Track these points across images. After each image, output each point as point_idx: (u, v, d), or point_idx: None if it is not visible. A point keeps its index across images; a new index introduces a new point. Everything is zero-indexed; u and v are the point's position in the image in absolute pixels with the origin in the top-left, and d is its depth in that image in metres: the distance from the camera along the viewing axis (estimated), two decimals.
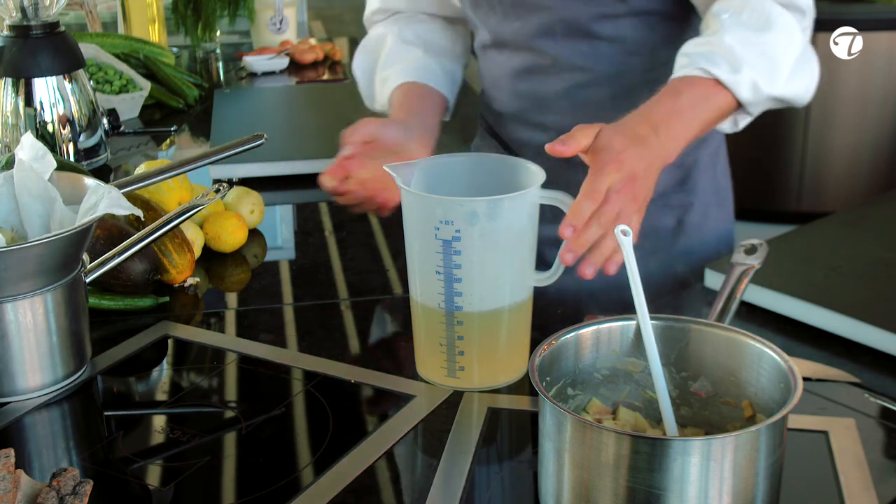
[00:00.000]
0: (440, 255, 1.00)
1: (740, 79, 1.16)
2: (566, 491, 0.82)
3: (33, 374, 1.06)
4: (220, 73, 2.71)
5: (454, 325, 1.02)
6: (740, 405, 0.90)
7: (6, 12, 1.67)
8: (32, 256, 1.01)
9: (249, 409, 1.06)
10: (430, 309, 1.03)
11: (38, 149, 1.12)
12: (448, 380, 1.06)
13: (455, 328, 1.03)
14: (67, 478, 0.81)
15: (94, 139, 1.77)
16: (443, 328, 1.03)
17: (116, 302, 1.25)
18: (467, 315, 1.02)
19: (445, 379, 1.06)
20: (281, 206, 1.69)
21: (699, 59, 1.16)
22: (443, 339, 1.04)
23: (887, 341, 1.11)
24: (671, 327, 0.92)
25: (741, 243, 1.12)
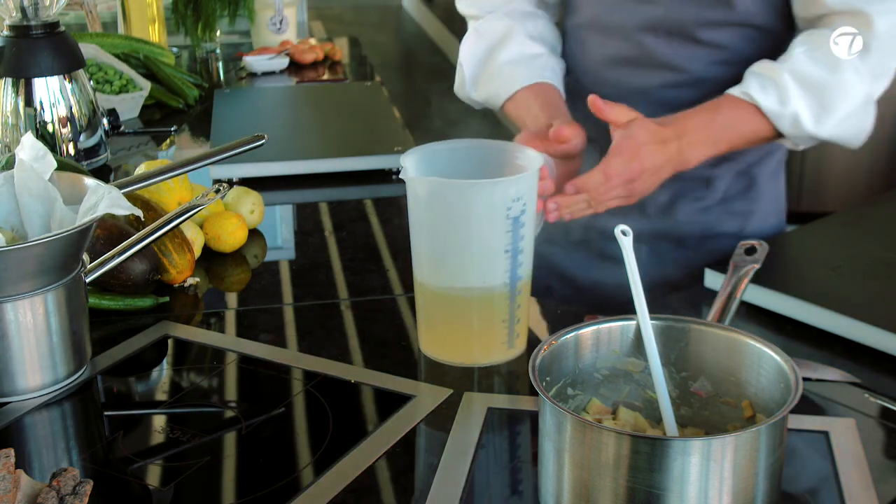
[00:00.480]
0: (510, 233, 1.04)
1: (783, 112, 1.23)
2: (566, 491, 0.82)
3: (33, 374, 1.06)
4: (220, 73, 2.71)
5: (515, 298, 1.08)
6: (740, 405, 0.90)
7: (6, 12, 1.67)
8: (32, 256, 1.01)
9: (249, 409, 1.06)
10: (491, 290, 1.06)
11: (39, 149, 1.12)
12: (508, 352, 1.11)
13: (516, 300, 1.08)
14: (67, 478, 0.81)
15: (94, 139, 1.77)
16: (506, 304, 1.07)
17: (116, 302, 1.25)
18: (524, 284, 1.09)
19: (506, 353, 1.11)
20: (281, 206, 1.70)
21: (752, 85, 1.24)
22: (505, 314, 1.08)
23: (887, 341, 1.11)
24: (671, 327, 0.92)
25: (741, 243, 1.12)
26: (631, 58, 1.38)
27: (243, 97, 2.35)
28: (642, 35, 1.35)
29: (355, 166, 1.79)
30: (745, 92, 1.24)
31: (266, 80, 2.57)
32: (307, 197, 1.72)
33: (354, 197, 1.72)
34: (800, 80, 1.23)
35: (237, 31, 3.11)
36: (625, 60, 1.39)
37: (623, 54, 1.39)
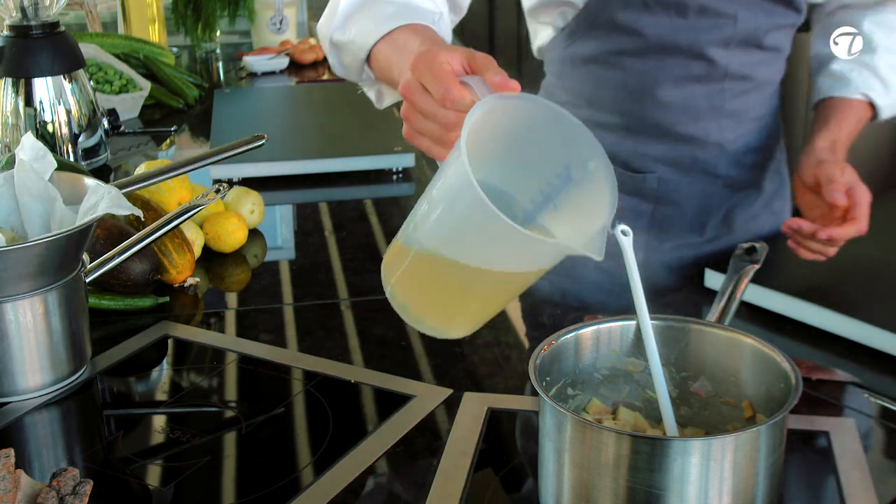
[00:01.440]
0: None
1: (890, 103, 1.33)
2: (566, 491, 0.82)
3: (33, 374, 1.06)
4: (220, 73, 2.71)
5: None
6: (740, 405, 0.90)
7: (6, 12, 1.67)
8: (32, 256, 1.01)
9: (249, 409, 1.06)
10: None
11: (39, 149, 1.12)
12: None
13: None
14: (67, 478, 0.81)
15: (94, 139, 1.77)
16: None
17: (116, 302, 1.25)
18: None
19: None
20: (281, 206, 1.70)
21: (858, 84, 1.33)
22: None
23: (887, 341, 1.11)
24: (671, 327, 0.92)
25: (741, 243, 1.12)
26: (701, 75, 1.33)
27: (243, 97, 2.35)
28: (714, 50, 1.31)
29: (355, 166, 1.79)
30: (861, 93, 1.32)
31: (266, 80, 2.57)
32: (307, 197, 1.72)
33: (354, 197, 1.72)
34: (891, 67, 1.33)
35: (237, 31, 3.11)
36: (694, 79, 1.33)
37: (691, 73, 1.33)
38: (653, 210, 1.38)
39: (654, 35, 1.31)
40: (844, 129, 1.30)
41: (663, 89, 1.33)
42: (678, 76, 1.33)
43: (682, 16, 1.28)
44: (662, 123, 1.35)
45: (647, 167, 1.37)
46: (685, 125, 1.35)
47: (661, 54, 1.32)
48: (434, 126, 0.88)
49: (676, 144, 1.36)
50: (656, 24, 1.30)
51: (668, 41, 1.31)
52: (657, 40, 1.31)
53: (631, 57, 1.33)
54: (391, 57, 1.09)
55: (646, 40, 1.31)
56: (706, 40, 1.30)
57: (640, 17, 1.30)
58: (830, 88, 1.35)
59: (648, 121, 1.36)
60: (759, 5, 1.29)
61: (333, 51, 1.21)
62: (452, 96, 0.85)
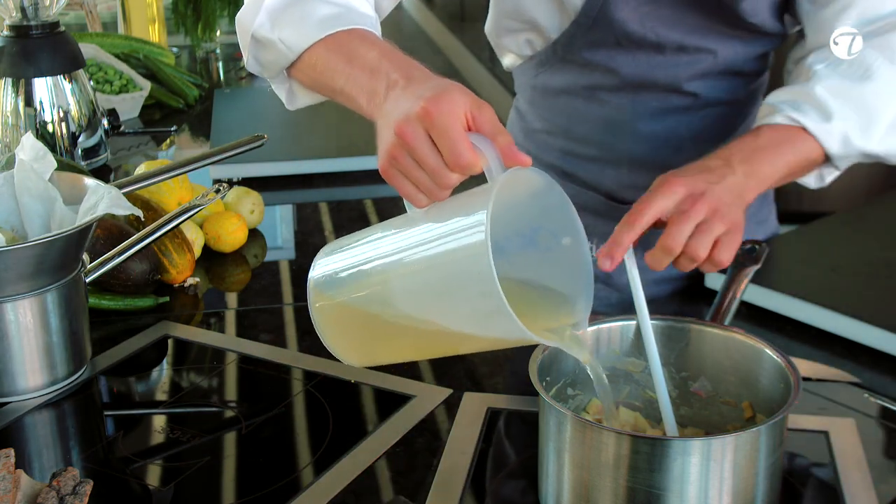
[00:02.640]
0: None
1: (830, 129, 1.09)
2: (566, 491, 0.82)
3: (33, 374, 1.06)
4: (220, 73, 2.71)
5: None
6: (740, 405, 0.90)
7: (6, 12, 1.67)
8: (32, 256, 1.01)
9: (249, 409, 1.06)
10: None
11: (39, 149, 1.12)
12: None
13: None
14: (67, 478, 0.81)
15: (94, 139, 1.77)
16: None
17: (116, 302, 1.25)
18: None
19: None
20: (281, 206, 1.69)
21: (785, 107, 1.10)
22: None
23: (887, 341, 1.11)
24: (671, 327, 0.92)
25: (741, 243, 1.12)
26: (681, 107, 1.28)
27: (243, 97, 2.35)
28: (694, 84, 1.25)
29: (355, 166, 1.79)
30: (786, 115, 1.09)
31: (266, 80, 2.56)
32: (307, 197, 1.72)
33: (354, 197, 1.72)
34: (834, 94, 1.11)
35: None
36: (673, 110, 1.28)
37: (671, 105, 1.27)
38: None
39: (630, 73, 1.23)
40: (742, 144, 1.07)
41: (642, 122, 1.27)
42: (657, 108, 1.27)
43: (659, 53, 1.21)
44: (643, 155, 1.29)
45: (631, 197, 1.29)
46: (667, 156, 1.28)
47: (637, 89, 1.25)
48: (426, 179, 0.81)
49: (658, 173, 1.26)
50: (632, 62, 1.22)
51: (645, 78, 1.24)
52: (633, 77, 1.24)
53: (606, 91, 1.26)
54: (334, 64, 1.00)
55: (621, 78, 1.24)
56: (684, 76, 1.24)
57: (614, 56, 1.22)
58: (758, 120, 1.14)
59: (629, 153, 1.30)
60: (738, 37, 1.22)
61: (254, 46, 1.11)
62: (464, 162, 0.78)
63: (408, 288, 0.80)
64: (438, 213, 0.81)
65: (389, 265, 0.82)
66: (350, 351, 0.90)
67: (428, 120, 0.79)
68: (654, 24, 1.19)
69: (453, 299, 0.77)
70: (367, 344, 0.89)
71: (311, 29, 1.03)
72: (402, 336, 0.84)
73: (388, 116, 0.85)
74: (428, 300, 0.80)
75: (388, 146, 0.83)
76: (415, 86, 0.86)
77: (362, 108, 0.94)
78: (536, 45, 1.28)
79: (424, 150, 0.80)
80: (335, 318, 0.88)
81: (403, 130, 0.81)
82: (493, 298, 0.72)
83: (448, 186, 0.81)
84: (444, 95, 0.80)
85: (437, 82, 0.85)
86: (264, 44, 1.10)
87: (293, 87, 1.15)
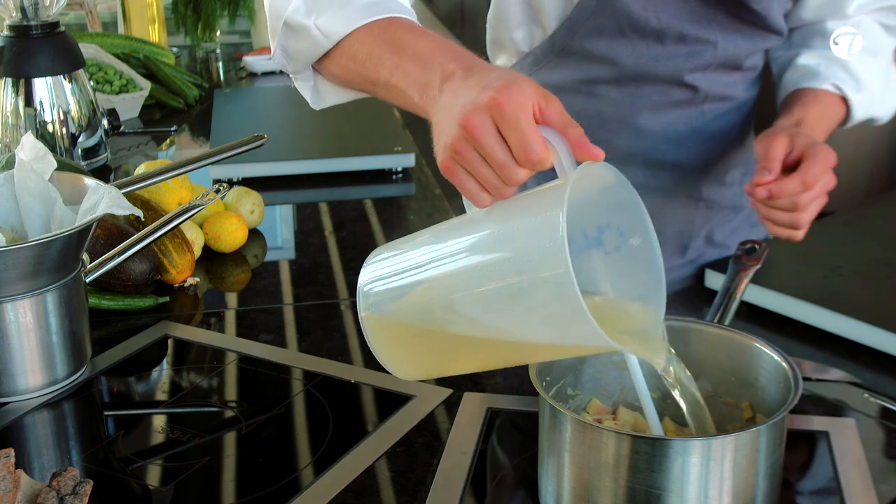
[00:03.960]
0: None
1: (861, 99, 1.24)
2: (566, 491, 0.82)
3: (33, 374, 1.06)
4: (220, 73, 2.71)
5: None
6: (740, 405, 0.90)
7: (6, 12, 1.67)
8: (32, 256, 1.01)
9: (249, 409, 1.06)
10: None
11: (39, 149, 1.12)
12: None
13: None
14: (67, 478, 0.81)
15: (94, 139, 1.77)
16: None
17: (116, 302, 1.25)
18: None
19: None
20: (281, 206, 1.69)
21: (828, 75, 1.23)
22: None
23: (887, 341, 1.11)
24: (671, 327, 0.92)
25: (741, 243, 1.12)
26: (681, 101, 1.28)
27: (243, 97, 2.35)
28: (694, 76, 1.25)
29: (355, 166, 1.79)
30: (831, 83, 1.24)
31: (266, 80, 2.57)
32: (307, 197, 1.72)
33: (354, 197, 1.72)
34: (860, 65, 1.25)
35: (237, 31, 3.11)
36: (673, 104, 1.28)
37: (671, 99, 1.27)
38: None
39: (631, 64, 1.22)
40: (811, 113, 1.21)
41: (642, 117, 1.27)
42: (657, 102, 1.26)
43: (659, 43, 1.21)
44: (642, 151, 1.29)
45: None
46: (666, 151, 1.30)
47: (637, 82, 1.24)
48: (493, 175, 0.76)
49: (657, 171, 1.30)
50: (632, 53, 1.21)
51: (646, 69, 1.23)
52: (634, 69, 1.23)
53: (605, 85, 1.25)
54: (379, 53, 0.94)
55: (621, 69, 1.23)
56: (685, 67, 1.24)
57: (615, 46, 1.21)
58: (798, 81, 1.27)
59: (627, 149, 1.29)
60: (739, 30, 1.23)
61: (285, 33, 1.03)
62: (535, 157, 0.74)
63: (474, 294, 0.75)
64: (504, 212, 0.76)
65: (452, 271, 0.76)
66: (403, 363, 0.84)
67: (497, 111, 0.74)
68: (658, 9, 1.19)
69: (526, 305, 0.72)
70: (424, 356, 0.84)
71: (353, 14, 0.97)
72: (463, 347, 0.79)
73: (448, 108, 0.79)
74: (496, 307, 0.74)
75: (450, 139, 0.77)
76: (477, 76, 0.80)
77: (413, 101, 0.88)
78: (535, 39, 1.28)
79: (492, 143, 0.75)
80: (387, 328, 0.82)
81: (470, 122, 0.75)
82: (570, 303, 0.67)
83: (515, 183, 0.76)
84: (513, 85, 0.75)
85: (501, 72, 0.79)
86: (297, 31, 1.02)
87: (318, 84, 1.08)
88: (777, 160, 1.10)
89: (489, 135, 0.75)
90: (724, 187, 1.36)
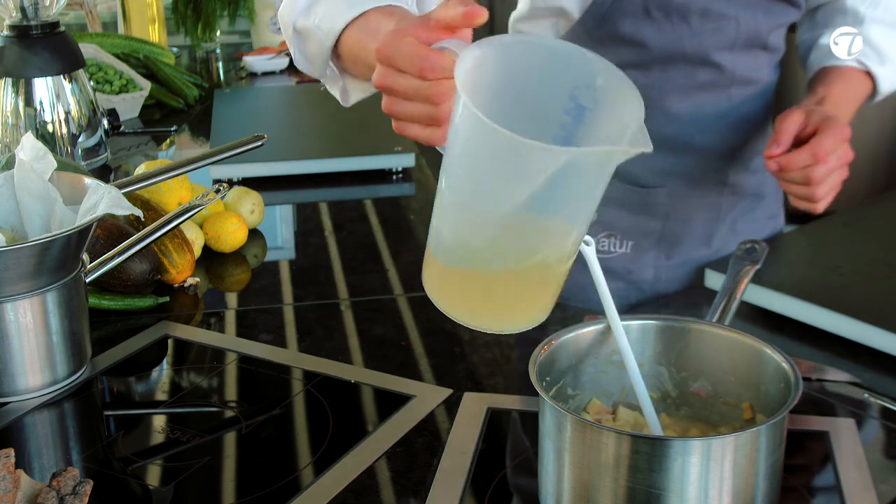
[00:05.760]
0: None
1: (885, 72, 1.28)
2: (566, 491, 0.82)
3: (33, 374, 1.06)
4: (220, 73, 2.71)
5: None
6: (740, 405, 0.90)
7: (6, 12, 1.67)
8: (32, 256, 1.01)
9: (249, 409, 1.06)
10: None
11: (39, 149, 1.12)
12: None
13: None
14: (67, 478, 0.81)
15: (94, 139, 1.77)
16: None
17: (116, 302, 1.25)
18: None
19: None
20: (281, 206, 1.70)
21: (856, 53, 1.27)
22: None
23: (888, 341, 1.11)
24: (671, 327, 0.92)
25: (741, 243, 1.12)
26: (707, 83, 1.29)
27: (243, 97, 2.35)
28: (720, 55, 1.27)
29: (355, 166, 1.79)
30: (857, 60, 1.27)
31: (266, 80, 2.57)
32: (307, 197, 1.72)
33: (354, 197, 1.72)
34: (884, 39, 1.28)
35: (237, 31, 3.11)
36: (700, 87, 1.29)
37: (698, 81, 1.29)
38: (662, 227, 1.35)
39: (658, 45, 1.25)
40: (834, 90, 1.25)
41: (670, 100, 1.29)
42: (684, 85, 1.28)
43: (684, 21, 1.23)
44: (671, 135, 1.31)
45: (656, 182, 1.33)
46: (694, 135, 1.32)
47: (665, 64, 1.27)
48: (420, 105, 0.80)
49: (685, 156, 1.33)
50: (659, 33, 1.24)
51: (673, 49, 1.25)
52: (661, 50, 1.25)
53: (634, 69, 1.23)
54: (365, 42, 0.96)
55: (649, 51, 1.25)
56: (711, 45, 1.26)
57: (641, 27, 1.24)
58: (822, 60, 1.31)
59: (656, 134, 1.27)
60: (759, 4, 1.26)
61: (297, 39, 1.07)
62: (431, 64, 0.77)
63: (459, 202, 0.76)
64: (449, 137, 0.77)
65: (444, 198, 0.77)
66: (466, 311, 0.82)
67: (384, 55, 0.80)
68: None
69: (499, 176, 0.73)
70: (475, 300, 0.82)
71: (343, 8, 0.99)
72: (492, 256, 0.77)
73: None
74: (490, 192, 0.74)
75: (383, 104, 0.83)
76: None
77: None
78: (561, 29, 1.29)
79: (393, 81, 0.80)
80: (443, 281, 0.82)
81: (376, 79, 0.81)
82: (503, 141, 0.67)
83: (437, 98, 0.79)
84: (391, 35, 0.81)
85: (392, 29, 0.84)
86: (305, 35, 1.05)
87: (346, 84, 1.10)
88: (788, 133, 1.13)
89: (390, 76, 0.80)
90: (748, 173, 1.38)
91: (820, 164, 1.11)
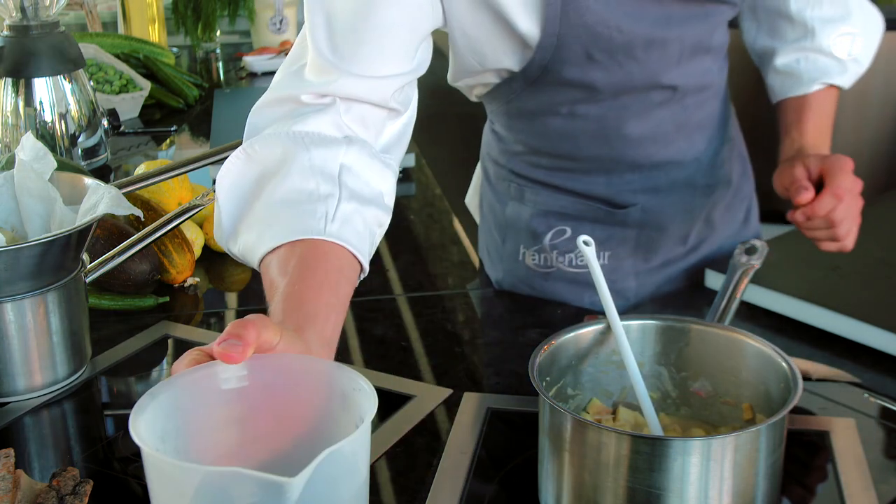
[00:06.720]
0: None
1: (847, 77, 1.33)
2: (566, 491, 0.82)
3: (33, 374, 1.06)
4: (220, 73, 2.71)
5: None
6: (740, 405, 0.90)
7: (6, 12, 1.67)
8: (32, 256, 1.01)
9: None
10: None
11: (39, 149, 1.12)
12: None
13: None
14: (67, 478, 0.81)
15: (94, 139, 1.77)
16: None
17: (116, 302, 1.25)
18: None
19: None
20: None
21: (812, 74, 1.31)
22: None
23: (887, 341, 1.11)
24: (671, 327, 0.92)
25: (741, 243, 1.12)
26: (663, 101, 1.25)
27: (243, 97, 2.35)
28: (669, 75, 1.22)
29: None
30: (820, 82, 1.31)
31: (266, 80, 2.57)
32: None
33: None
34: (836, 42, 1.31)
35: (237, 31, 3.11)
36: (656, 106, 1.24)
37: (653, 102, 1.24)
38: (637, 235, 1.33)
39: (607, 83, 1.19)
40: (809, 131, 1.28)
41: (628, 126, 1.25)
42: (639, 110, 1.24)
43: (630, 58, 1.17)
44: (635, 158, 1.28)
45: (627, 201, 1.30)
46: (658, 153, 1.29)
47: (617, 96, 1.22)
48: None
49: (653, 173, 1.29)
50: (607, 74, 1.18)
51: (623, 84, 1.21)
52: (611, 87, 1.20)
53: (585, 104, 1.22)
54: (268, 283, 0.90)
55: (598, 90, 1.20)
56: (659, 70, 1.21)
57: (588, 71, 1.17)
58: (784, 88, 1.33)
59: (619, 158, 1.28)
60: (696, 14, 1.20)
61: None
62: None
63: None
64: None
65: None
66: None
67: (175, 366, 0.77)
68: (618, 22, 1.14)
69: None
70: None
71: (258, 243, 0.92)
72: None
73: None
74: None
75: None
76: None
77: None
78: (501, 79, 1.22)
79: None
80: None
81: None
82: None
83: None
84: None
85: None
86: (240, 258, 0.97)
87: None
88: (806, 179, 1.16)
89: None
90: (716, 168, 1.35)
91: (839, 204, 1.13)
